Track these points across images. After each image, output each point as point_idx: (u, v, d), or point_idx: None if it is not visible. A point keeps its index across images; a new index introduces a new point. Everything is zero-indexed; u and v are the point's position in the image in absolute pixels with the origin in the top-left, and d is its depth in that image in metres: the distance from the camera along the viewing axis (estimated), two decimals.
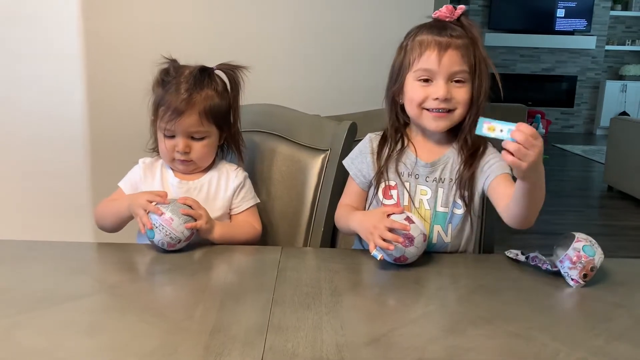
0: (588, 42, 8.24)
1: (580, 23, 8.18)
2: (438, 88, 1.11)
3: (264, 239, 1.25)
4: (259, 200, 1.32)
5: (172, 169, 1.27)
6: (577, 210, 4.33)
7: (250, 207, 1.29)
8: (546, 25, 8.22)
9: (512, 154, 0.90)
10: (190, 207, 1.13)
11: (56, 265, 1.05)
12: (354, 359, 0.73)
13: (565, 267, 0.99)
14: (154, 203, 1.11)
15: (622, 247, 3.34)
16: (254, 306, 0.87)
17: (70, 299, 0.89)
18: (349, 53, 2.01)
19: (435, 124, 1.14)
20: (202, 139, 1.23)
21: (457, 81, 1.12)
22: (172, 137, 1.21)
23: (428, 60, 1.11)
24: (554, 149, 6.94)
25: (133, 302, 0.90)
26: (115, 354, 0.74)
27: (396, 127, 1.21)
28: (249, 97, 1.37)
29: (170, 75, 1.22)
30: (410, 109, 1.16)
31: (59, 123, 1.88)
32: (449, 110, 1.13)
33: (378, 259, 1.03)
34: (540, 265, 1.05)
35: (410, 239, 1.02)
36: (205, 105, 1.21)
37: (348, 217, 1.18)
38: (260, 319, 0.82)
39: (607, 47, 8.33)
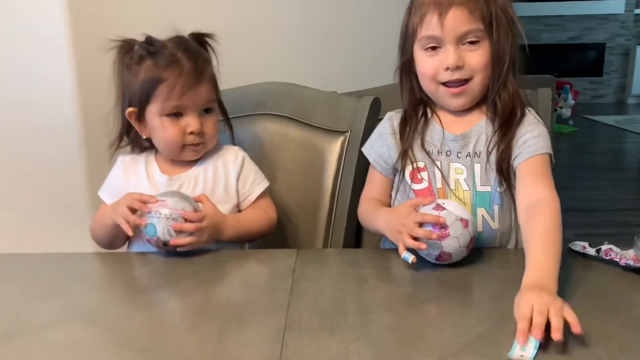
0: (616, 7, 7.93)
1: None
2: (447, 55, 0.96)
3: (276, 240, 1.08)
4: (268, 183, 1.15)
5: (157, 165, 1.10)
6: (616, 184, 4.09)
7: (262, 191, 1.13)
8: None
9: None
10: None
11: (22, 286, 0.89)
12: None
13: None
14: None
15: None
16: (263, 333, 0.71)
17: (36, 329, 0.74)
18: (365, 20, 1.84)
19: (455, 102, 1.01)
20: (210, 111, 1.08)
21: (470, 42, 0.96)
22: (177, 119, 1.04)
23: (429, 25, 0.97)
24: (584, 121, 6.64)
25: (112, 332, 0.74)
26: None
27: (415, 103, 1.06)
28: (252, 75, 1.25)
29: (156, 47, 1.04)
30: (425, 85, 1.03)
31: (49, 116, 1.73)
32: (466, 81, 0.98)
33: (409, 261, 0.87)
34: (617, 260, 0.87)
35: (444, 230, 0.86)
36: (210, 71, 1.08)
37: (373, 215, 1.03)
38: (270, 351, 0.66)
39: (637, 11, 8.02)
